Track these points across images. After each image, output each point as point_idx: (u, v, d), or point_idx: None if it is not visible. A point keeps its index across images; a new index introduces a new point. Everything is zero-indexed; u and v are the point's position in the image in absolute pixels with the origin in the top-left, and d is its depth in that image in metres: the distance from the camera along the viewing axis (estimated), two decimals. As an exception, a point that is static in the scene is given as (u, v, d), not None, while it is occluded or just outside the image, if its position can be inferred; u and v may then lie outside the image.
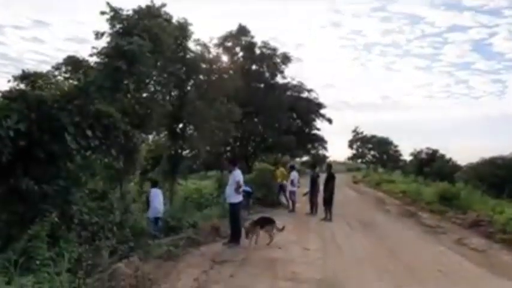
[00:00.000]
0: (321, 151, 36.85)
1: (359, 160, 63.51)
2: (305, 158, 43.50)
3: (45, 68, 11.36)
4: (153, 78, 11.65)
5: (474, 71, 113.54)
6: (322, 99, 34.01)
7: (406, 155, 47.25)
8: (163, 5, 10.47)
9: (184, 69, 13.39)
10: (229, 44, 27.21)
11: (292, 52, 32.71)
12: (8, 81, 7.87)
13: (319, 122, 33.89)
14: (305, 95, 32.89)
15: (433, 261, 7.29)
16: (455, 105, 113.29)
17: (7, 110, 6.12)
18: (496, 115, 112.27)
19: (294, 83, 31.26)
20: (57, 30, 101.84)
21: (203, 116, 14.13)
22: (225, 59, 23.53)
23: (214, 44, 23.05)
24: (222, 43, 26.60)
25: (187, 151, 16.01)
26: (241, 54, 27.54)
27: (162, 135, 15.54)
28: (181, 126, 14.71)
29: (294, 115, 31.72)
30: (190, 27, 13.46)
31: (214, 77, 15.15)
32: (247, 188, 11.61)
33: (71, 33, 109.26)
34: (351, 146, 60.45)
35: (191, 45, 14.08)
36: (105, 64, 7.61)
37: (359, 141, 60.10)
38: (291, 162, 23.18)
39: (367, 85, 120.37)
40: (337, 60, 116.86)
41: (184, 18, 13.15)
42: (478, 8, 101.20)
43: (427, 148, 39.81)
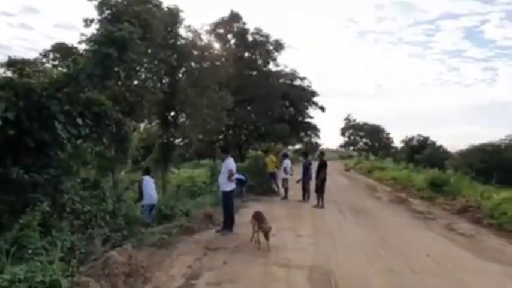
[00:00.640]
0: (313, 139, 37.12)
1: (351, 148, 64.02)
2: (298, 146, 43.78)
3: (33, 56, 11.13)
4: (144, 66, 11.51)
5: (466, 59, 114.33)
6: (315, 87, 34.12)
7: (398, 142, 47.91)
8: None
9: (175, 56, 13.24)
10: (221, 31, 26.88)
11: (285, 40, 32.42)
12: (-6, 69, 7.72)
13: (312, 110, 34.02)
14: (298, 83, 32.85)
15: (423, 246, 7.45)
16: (446, 93, 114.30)
17: (-6, 98, 5.99)
18: (486, 103, 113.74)
19: (287, 70, 31.18)
20: (45, 16, 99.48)
21: (195, 104, 14.05)
22: (217, 46, 23.30)
23: (206, 31, 22.82)
24: (213, 30, 26.27)
25: (179, 139, 15.95)
26: (233, 41, 27.26)
27: (153, 124, 15.45)
28: (173, 114, 14.63)
29: (287, 103, 31.72)
30: (181, 14, 13.29)
31: (206, 64, 15.02)
32: (240, 176, 11.66)
33: (60, 19, 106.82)
34: (343, 134, 60.93)
35: (182, 31, 13.93)
36: (95, 51, 7.45)
37: (351, 128, 60.50)
38: (283, 150, 23.27)
39: (360, 73, 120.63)
40: (331, 48, 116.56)
41: (175, 5, 12.99)
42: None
43: (418, 135, 40.36)
